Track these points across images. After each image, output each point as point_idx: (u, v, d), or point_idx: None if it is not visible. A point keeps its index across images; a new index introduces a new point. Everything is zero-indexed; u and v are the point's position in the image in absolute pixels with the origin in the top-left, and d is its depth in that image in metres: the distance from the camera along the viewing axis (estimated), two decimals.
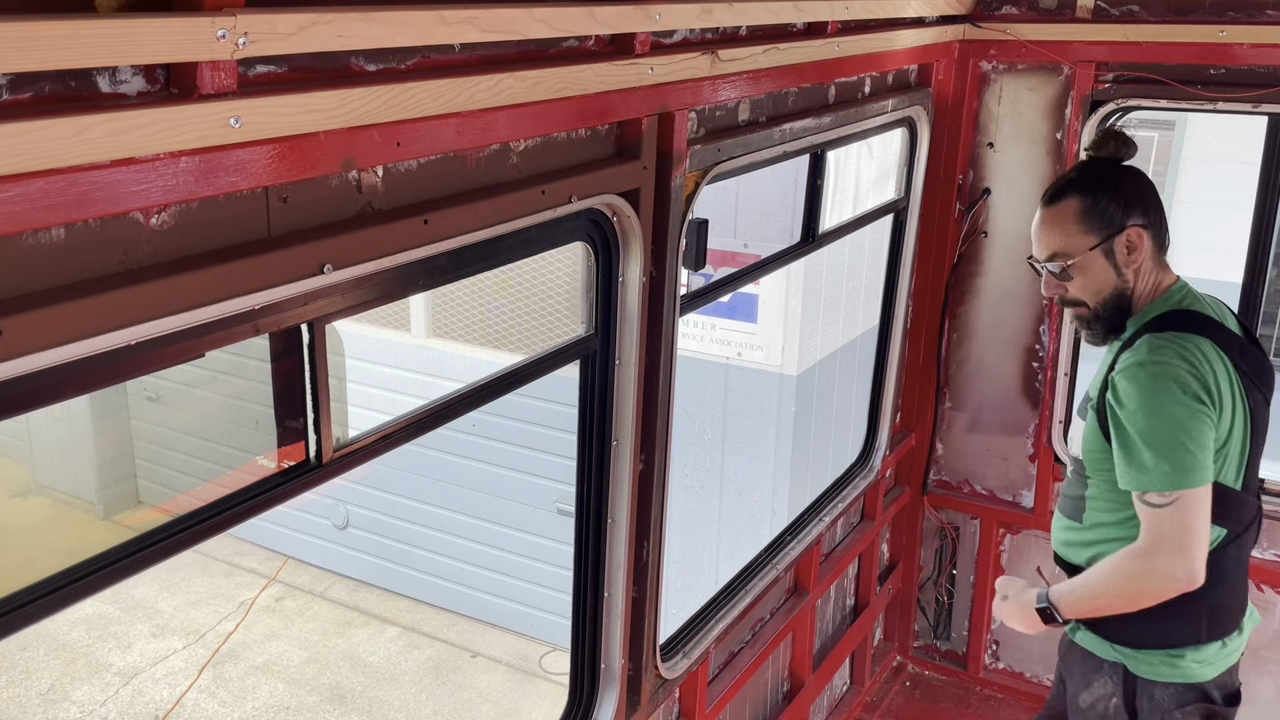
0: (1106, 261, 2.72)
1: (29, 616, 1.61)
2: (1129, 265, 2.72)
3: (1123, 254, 2.71)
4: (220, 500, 1.90)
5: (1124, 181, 2.75)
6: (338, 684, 8.37)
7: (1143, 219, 2.72)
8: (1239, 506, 2.72)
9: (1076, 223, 2.71)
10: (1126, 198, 2.71)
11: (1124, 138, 2.80)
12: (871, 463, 4.75)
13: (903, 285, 4.62)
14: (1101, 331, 2.80)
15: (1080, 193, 2.72)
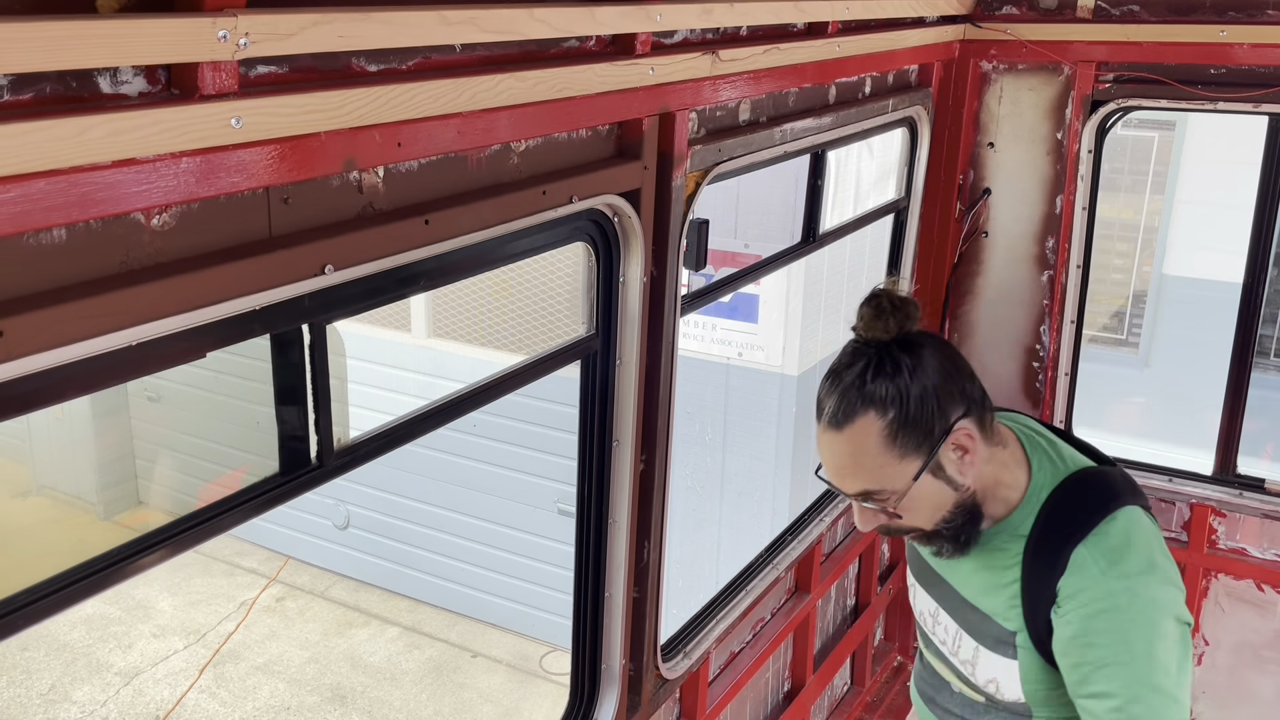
0: (936, 480, 2.05)
1: (30, 617, 1.61)
2: (965, 473, 2.07)
3: (953, 463, 2.05)
4: (221, 501, 1.90)
5: (925, 367, 2.01)
6: (338, 684, 8.37)
7: (963, 405, 2.04)
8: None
9: (884, 450, 2.00)
10: (937, 390, 2.00)
11: (898, 301, 2.06)
12: None
13: (903, 285, 4.61)
14: (955, 547, 2.16)
15: (877, 407, 1.98)
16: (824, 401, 2.03)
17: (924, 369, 2.01)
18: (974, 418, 2.06)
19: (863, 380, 1.99)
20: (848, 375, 2.01)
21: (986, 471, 2.11)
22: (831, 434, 2.02)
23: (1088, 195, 4.44)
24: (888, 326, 2.03)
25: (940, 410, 2.01)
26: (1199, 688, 4.74)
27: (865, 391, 1.99)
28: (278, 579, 9.56)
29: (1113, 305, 13.34)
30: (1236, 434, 4.57)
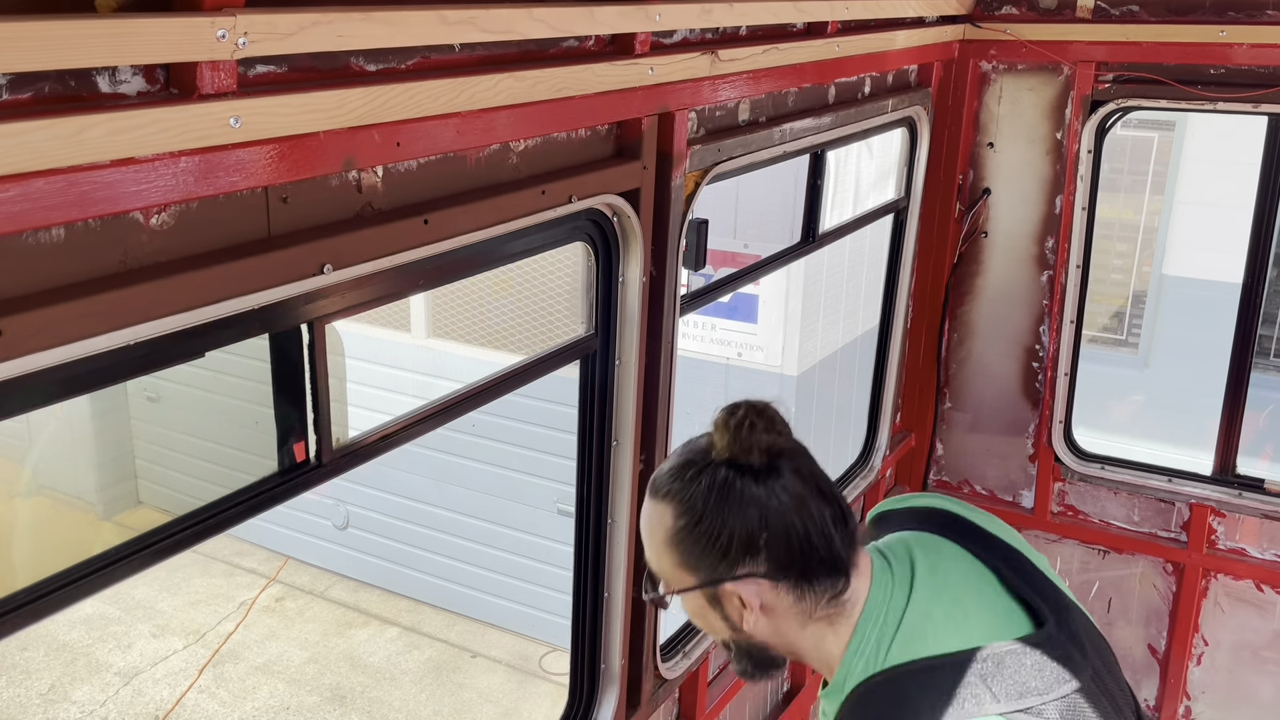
0: (712, 608, 1.82)
1: (30, 616, 1.61)
2: (744, 621, 1.79)
3: (734, 607, 1.79)
4: (221, 500, 1.90)
5: (749, 508, 1.71)
6: (338, 684, 8.37)
7: (765, 568, 1.73)
8: None
9: (667, 547, 1.80)
10: (742, 535, 1.72)
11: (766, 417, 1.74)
12: (871, 463, 4.75)
13: (903, 285, 4.61)
14: (745, 674, 1.94)
15: (676, 507, 1.76)
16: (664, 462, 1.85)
17: (743, 509, 1.72)
18: (778, 583, 1.75)
19: (685, 471, 1.77)
20: (687, 454, 1.80)
21: (794, 637, 1.83)
22: (646, 498, 1.86)
23: (1087, 195, 4.44)
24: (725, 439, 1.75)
25: (729, 559, 1.74)
26: (1199, 688, 4.75)
27: (678, 486, 1.77)
28: (277, 579, 9.56)
29: (1112, 305, 13.35)
30: (1236, 434, 4.57)
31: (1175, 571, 4.66)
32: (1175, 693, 4.77)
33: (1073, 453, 4.76)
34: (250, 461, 7.81)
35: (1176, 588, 4.67)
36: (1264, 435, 10.93)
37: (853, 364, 9.22)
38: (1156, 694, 4.82)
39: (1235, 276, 4.63)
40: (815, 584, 1.77)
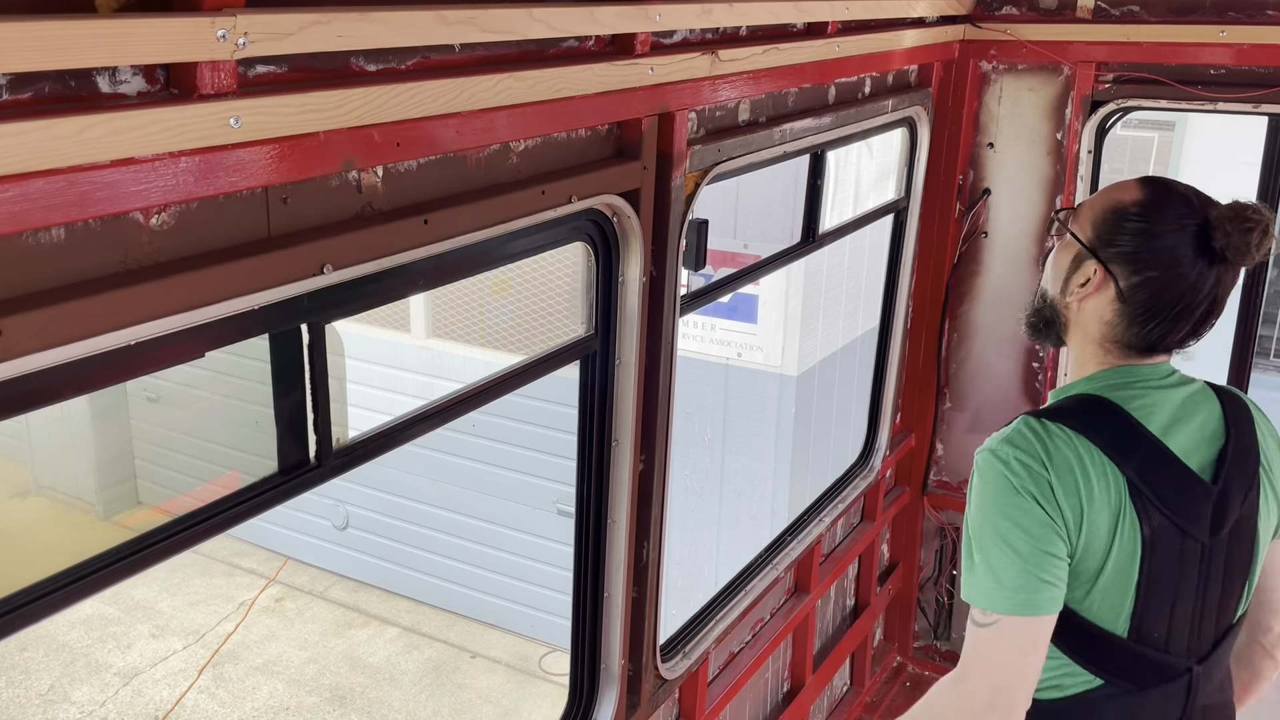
0: (1071, 265, 2.16)
1: (29, 617, 1.61)
2: (1074, 290, 2.15)
3: (1077, 280, 2.14)
4: (221, 500, 1.89)
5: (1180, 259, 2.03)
6: (338, 685, 8.37)
7: (1132, 277, 2.07)
8: (1123, 658, 2.09)
9: (1104, 214, 2.12)
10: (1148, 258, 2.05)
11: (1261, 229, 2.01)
12: (871, 463, 4.75)
13: (903, 285, 4.62)
14: (1028, 326, 2.32)
15: (1150, 202, 2.09)
16: None
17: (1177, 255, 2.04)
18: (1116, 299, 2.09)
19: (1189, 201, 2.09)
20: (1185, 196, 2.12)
21: (1079, 335, 2.19)
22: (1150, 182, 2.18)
23: (1088, 195, 4.44)
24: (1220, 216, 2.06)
25: (1119, 253, 2.08)
26: None
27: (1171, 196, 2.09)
28: (277, 579, 9.56)
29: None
30: None
31: None
32: None
33: None
34: (250, 462, 7.81)
35: None
36: None
37: (853, 364, 9.23)
38: None
39: None
40: (1130, 331, 2.11)
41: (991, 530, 2.01)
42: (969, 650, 2.04)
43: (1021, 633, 1.99)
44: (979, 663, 2.02)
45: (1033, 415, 2.10)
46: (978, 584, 2.02)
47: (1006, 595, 1.98)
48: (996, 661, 2.01)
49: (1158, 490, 2.03)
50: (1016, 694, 2.00)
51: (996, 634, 2.00)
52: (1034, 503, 1.99)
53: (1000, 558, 1.99)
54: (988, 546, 2.01)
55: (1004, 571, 1.98)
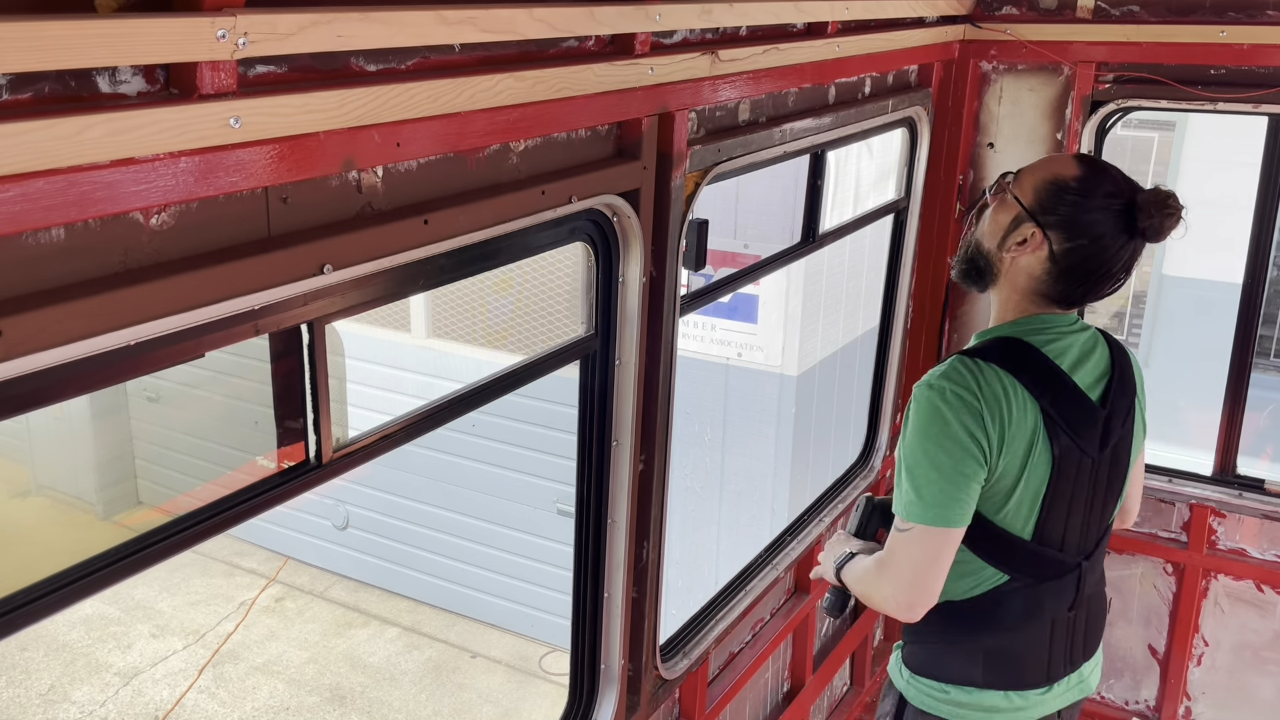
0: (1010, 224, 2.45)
1: (29, 617, 1.61)
2: (1010, 250, 2.45)
3: (1015, 238, 2.44)
4: (220, 500, 1.90)
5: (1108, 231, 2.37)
6: (338, 684, 8.37)
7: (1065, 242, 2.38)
8: (1028, 558, 2.48)
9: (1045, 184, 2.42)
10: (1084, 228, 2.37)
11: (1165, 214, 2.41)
12: (872, 463, 4.75)
13: (903, 285, 4.62)
14: (959, 272, 2.62)
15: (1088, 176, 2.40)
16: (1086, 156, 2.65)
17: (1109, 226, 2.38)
18: (1049, 260, 2.41)
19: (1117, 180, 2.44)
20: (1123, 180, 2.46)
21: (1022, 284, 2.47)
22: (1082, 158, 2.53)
23: None
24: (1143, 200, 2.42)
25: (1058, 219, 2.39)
26: (1199, 688, 4.75)
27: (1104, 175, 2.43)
28: (277, 579, 9.56)
29: (1113, 305, 13.35)
30: (1236, 434, 4.57)
31: (1175, 572, 4.66)
32: (1175, 693, 4.77)
33: None
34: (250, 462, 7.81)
35: (1177, 588, 4.68)
36: (1264, 435, 10.93)
37: (853, 364, 9.22)
38: (1156, 694, 4.83)
39: (1235, 276, 4.62)
40: (1056, 287, 2.44)
41: (921, 453, 2.35)
42: (888, 551, 2.44)
43: (932, 540, 2.35)
44: (894, 562, 2.42)
45: (966, 354, 2.42)
46: (902, 498, 2.38)
47: (925, 508, 2.34)
48: (907, 563, 2.39)
49: (1065, 417, 2.41)
50: (920, 593, 2.39)
51: (910, 540, 2.37)
52: (962, 430, 2.32)
53: (923, 477, 2.34)
54: (914, 467, 2.35)
55: (926, 489, 2.34)
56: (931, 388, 2.37)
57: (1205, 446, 4.84)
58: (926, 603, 2.40)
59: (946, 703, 2.61)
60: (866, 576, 2.55)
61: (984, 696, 2.58)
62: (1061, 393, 2.42)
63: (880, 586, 2.46)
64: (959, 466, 2.32)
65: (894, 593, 2.41)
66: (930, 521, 2.33)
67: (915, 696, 2.66)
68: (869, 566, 2.55)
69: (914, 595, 2.39)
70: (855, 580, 2.61)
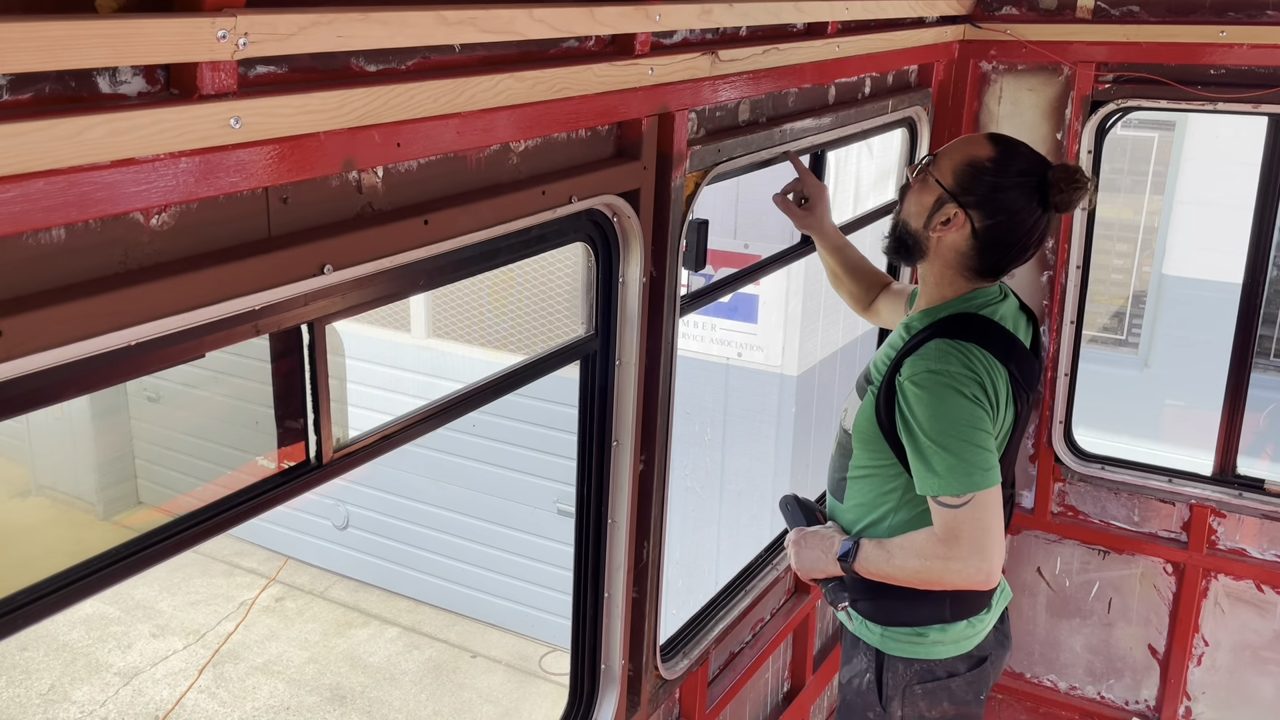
0: (933, 206, 2.69)
1: (29, 617, 1.61)
2: (936, 230, 2.69)
3: (938, 218, 2.68)
4: (220, 501, 1.90)
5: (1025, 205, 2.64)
6: (338, 684, 8.37)
7: (985, 220, 2.65)
8: None
9: (964, 165, 2.66)
10: (1001, 205, 2.63)
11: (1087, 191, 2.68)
12: None
13: None
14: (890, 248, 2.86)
15: (999, 162, 2.65)
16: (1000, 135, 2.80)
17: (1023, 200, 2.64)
18: (973, 238, 2.67)
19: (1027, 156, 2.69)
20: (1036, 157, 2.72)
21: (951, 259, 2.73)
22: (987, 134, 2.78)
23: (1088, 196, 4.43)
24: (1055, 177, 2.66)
25: (977, 198, 2.64)
26: (1199, 688, 4.75)
27: (1011, 152, 2.68)
28: (277, 579, 9.56)
29: (1112, 305, 13.35)
30: (1236, 434, 4.57)
31: (1175, 572, 4.67)
32: (1175, 693, 4.77)
33: (1073, 453, 4.76)
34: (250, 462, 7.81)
35: (1177, 588, 4.68)
36: (1264, 435, 10.93)
37: (853, 364, 9.22)
38: (1156, 694, 4.83)
39: (1235, 276, 4.62)
40: (981, 260, 2.70)
41: (953, 432, 2.54)
42: (949, 530, 2.56)
43: (993, 500, 2.53)
44: (964, 538, 2.54)
45: (945, 338, 2.63)
46: (945, 475, 2.54)
47: (981, 475, 2.52)
48: (980, 533, 2.53)
49: (1023, 375, 2.70)
50: (999, 555, 2.55)
51: (972, 511, 2.52)
52: (978, 404, 2.55)
53: (966, 449, 2.52)
54: (953, 443, 2.53)
55: (973, 458, 2.52)
56: (938, 374, 2.56)
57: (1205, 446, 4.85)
58: (1000, 564, 2.57)
59: (925, 644, 2.82)
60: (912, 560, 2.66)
61: (954, 629, 2.82)
62: (1019, 357, 2.70)
63: (952, 564, 2.56)
64: (986, 434, 2.56)
65: (978, 565, 2.54)
66: (986, 485, 2.52)
67: (893, 647, 2.86)
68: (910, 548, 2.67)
69: (994, 559, 2.54)
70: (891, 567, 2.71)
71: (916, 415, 2.57)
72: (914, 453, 2.61)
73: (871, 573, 2.75)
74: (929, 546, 2.61)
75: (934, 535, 2.60)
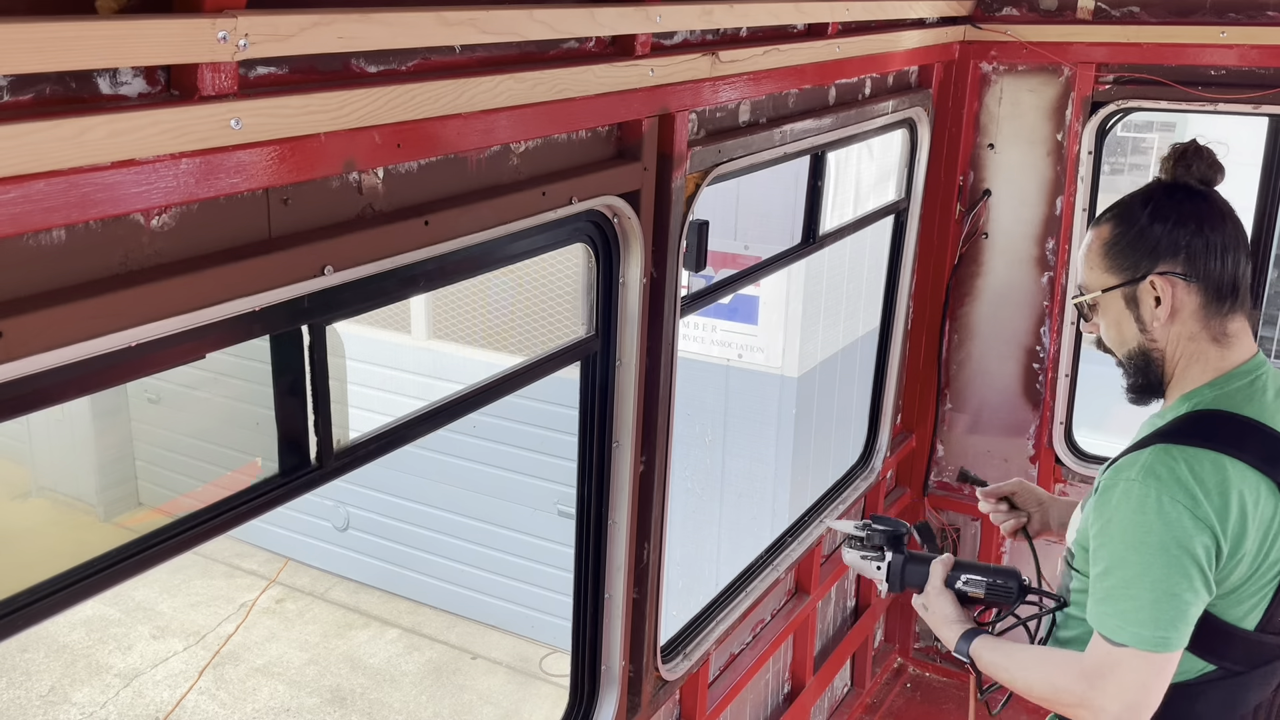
0: (1128, 310, 2.24)
1: (30, 618, 1.61)
2: (1155, 321, 2.21)
3: (1148, 306, 2.21)
4: (221, 502, 1.89)
5: (1175, 216, 2.19)
6: (338, 686, 8.37)
7: (1182, 268, 2.17)
8: (1245, 648, 2.21)
9: (1101, 255, 2.25)
10: (1167, 237, 2.17)
11: (1202, 157, 2.25)
12: (872, 464, 4.75)
13: (903, 286, 4.61)
14: (1130, 391, 2.33)
15: (1116, 220, 2.25)
16: None
17: (1173, 217, 2.19)
18: (1190, 283, 2.18)
19: (1129, 198, 2.28)
20: (1130, 194, 2.30)
21: (1185, 347, 2.23)
22: (1088, 232, 2.33)
23: (1088, 196, 4.44)
24: (1165, 167, 2.29)
25: (1154, 253, 2.19)
26: None
27: (1122, 203, 2.28)
28: (277, 581, 9.56)
29: None
30: None
31: None
32: None
33: (1073, 454, 4.76)
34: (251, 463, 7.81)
35: None
36: None
37: (853, 365, 9.22)
38: None
39: None
40: (1219, 294, 2.19)
41: (1136, 566, 2.06)
42: (1102, 664, 2.11)
43: (1157, 666, 2.07)
44: (1114, 680, 2.09)
45: (1172, 445, 2.10)
46: (1116, 618, 2.08)
47: (1140, 630, 2.05)
48: (1131, 685, 2.08)
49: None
50: (1143, 714, 2.09)
51: (1136, 662, 2.07)
52: (1180, 542, 2.03)
53: (1137, 594, 2.06)
54: (1135, 588, 2.06)
55: (1142, 609, 2.05)
56: (1139, 485, 2.07)
57: None
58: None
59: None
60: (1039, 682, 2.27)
61: None
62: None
63: (1091, 703, 2.12)
64: (1181, 595, 2.04)
65: (1118, 713, 2.10)
66: (1158, 648, 2.06)
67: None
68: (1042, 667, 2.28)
69: (1134, 717, 2.11)
70: (1009, 675, 2.35)
71: (1111, 528, 2.11)
72: (1095, 566, 2.15)
73: (997, 679, 2.39)
74: (1067, 675, 2.19)
75: (1079, 664, 2.17)
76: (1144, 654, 2.06)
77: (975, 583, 2.52)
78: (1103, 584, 2.12)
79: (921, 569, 2.56)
